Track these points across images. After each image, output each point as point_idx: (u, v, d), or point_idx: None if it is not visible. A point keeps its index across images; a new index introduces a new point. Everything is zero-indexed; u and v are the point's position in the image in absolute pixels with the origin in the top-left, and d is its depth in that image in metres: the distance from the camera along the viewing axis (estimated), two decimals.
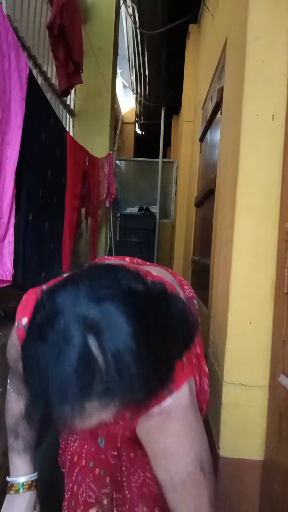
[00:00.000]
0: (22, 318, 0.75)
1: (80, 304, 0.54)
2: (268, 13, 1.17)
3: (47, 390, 0.51)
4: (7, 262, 1.34)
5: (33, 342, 0.54)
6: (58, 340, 0.51)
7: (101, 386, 0.51)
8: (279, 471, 1.09)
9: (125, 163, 6.19)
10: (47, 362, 0.51)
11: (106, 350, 0.51)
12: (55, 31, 2.07)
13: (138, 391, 0.53)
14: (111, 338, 0.51)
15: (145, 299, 0.58)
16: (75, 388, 0.50)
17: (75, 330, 0.52)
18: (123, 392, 0.52)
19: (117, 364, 0.51)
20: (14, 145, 1.37)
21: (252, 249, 1.20)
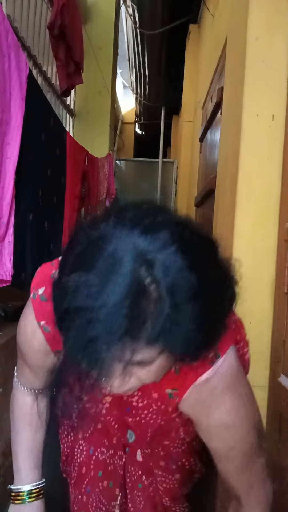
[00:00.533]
0: (38, 288, 0.68)
1: (131, 232, 0.47)
2: (268, 13, 1.17)
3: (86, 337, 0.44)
4: (6, 262, 1.34)
5: (70, 276, 0.46)
6: (106, 268, 0.44)
7: (153, 325, 0.44)
8: (279, 471, 1.09)
9: (125, 163, 6.19)
10: (89, 298, 0.44)
11: (160, 282, 0.44)
12: (56, 31, 2.07)
13: (194, 338, 0.46)
14: (167, 271, 0.45)
15: (197, 232, 0.53)
16: (124, 323, 0.43)
17: (126, 259, 0.44)
18: (177, 334, 0.45)
19: (173, 298, 0.44)
20: (14, 145, 1.37)
21: (252, 249, 1.20)
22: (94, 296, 0.44)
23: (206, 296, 0.47)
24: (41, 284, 0.68)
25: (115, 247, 0.46)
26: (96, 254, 0.46)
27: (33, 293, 0.68)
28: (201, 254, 0.50)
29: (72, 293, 0.45)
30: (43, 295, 0.67)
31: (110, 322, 0.43)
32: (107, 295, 0.43)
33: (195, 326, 0.46)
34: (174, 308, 0.44)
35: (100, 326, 0.43)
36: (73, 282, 0.45)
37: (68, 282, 0.46)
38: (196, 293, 0.46)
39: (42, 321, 0.67)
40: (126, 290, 0.43)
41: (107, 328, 0.43)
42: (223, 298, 0.52)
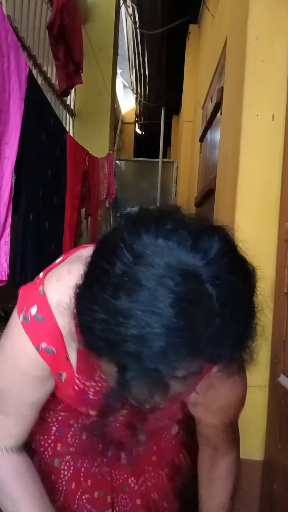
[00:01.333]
0: (29, 308, 0.60)
1: (182, 247, 0.44)
2: (268, 13, 1.17)
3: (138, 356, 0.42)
4: (2, 262, 1.34)
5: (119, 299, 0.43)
6: (159, 288, 0.42)
7: (210, 340, 0.43)
8: (279, 471, 1.09)
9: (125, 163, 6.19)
10: (146, 322, 0.42)
11: (216, 299, 0.43)
12: (55, 31, 2.07)
13: (239, 349, 0.47)
14: (221, 286, 0.43)
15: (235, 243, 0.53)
16: (183, 344, 0.42)
17: (178, 277, 0.42)
18: (227, 347, 0.45)
19: (229, 312, 0.43)
20: (13, 145, 1.37)
21: (252, 249, 1.20)
22: (150, 320, 0.41)
23: (252, 307, 0.48)
24: (30, 303, 0.60)
25: (165, 265, 0.43)
26: (146, 272, 0.43)
27: (24, 316, 0.60)
28: (243, 262, 0.51)
29: (126, 319, 0.42)
30: (38, 315, 0.59)
31: (170, 345, 0.42)
32: (164, 318, 0.41)
33: (243, 338, 0.46)
34: (228, 322, 0.44)
35: (159, 351, 0.42)
36: (126, 306, 0.42)
37: (119, 306, 0.43)
38: (246, 305, 0.46)
39: (43, 342, 0.60)
40: (183, 311, 0.42)
41: (167, 352, 0.42)
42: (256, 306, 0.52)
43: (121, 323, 0.42)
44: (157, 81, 5.19)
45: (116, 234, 0.48)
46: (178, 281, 0.42)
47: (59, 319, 0.58)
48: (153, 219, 0.48)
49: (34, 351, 0.60)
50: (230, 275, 0.45)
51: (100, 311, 0.44)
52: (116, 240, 0.47)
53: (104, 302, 0.44)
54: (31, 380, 0.63)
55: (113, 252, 0.46)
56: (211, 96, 2.45)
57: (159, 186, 5.76)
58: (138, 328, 0.42)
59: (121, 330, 0.42)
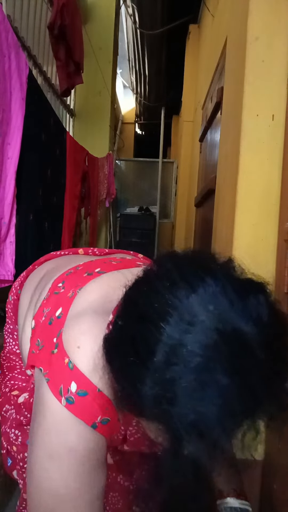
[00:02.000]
0: (68, 387, 0.52)
1: (222, 303, 0.42)
2: (268, 13, 1.17)
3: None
4: (8, 262, 1.34)
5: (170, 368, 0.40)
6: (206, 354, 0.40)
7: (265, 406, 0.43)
8: (279, 471, 1.09)
9: (125, 163, 6.19)
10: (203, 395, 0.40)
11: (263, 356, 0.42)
12: (56, 31, 2.07)
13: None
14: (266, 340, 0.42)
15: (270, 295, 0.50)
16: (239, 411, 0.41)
17: (222, 338, 0.40)
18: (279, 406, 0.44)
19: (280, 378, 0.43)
20: (15, 145, 1.37)
21: (252, 249, 1.20)
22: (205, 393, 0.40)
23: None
24: (66, 382, 0.52)
25: (209, 324, 0.41)
26: (199, 341, 0.40)
27: (66, 398, 0.51)
28: (282, 317, 0.47)
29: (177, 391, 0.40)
30: (80, 391, 0.51)
31: (228, 416, 0.41)
32: (220, 389, 0.40)
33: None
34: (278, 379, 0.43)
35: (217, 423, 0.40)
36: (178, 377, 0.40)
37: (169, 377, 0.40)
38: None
39: (98, 417, 0.52)
40: (237, 378, 0.40)
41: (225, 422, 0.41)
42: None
43: (174, 396, 0.40)
44: (157, 81, 5.19)
45: (155, 292, 0.45)
46: (232, 349, 0.41)
47: (101, 386, 0.52)
48: (197, 276, 0.45)
49: (91, 431, 0.52)
50: (280, 339, 0.44)
51: (149, 384, 0.42)
52: (158, 302, 0.44)
53: (154, 375, 0.42)
54: (96, 463, 0.54)
55: (158, 316, 0.43)
56: (211, 96, 2.45)
57: (159, 186, 5.76)
58: (194, 401, 0.40)
59: (175, 401, 0.40)
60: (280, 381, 0.44)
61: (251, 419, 0.44)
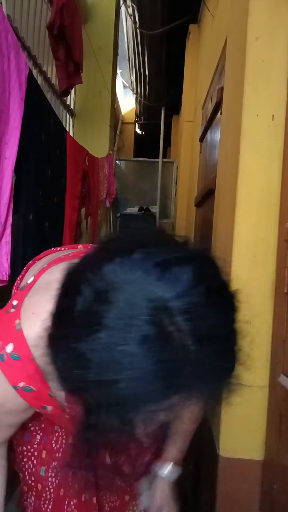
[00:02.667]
0: (4, 346, 0.55)
1: (148, 278, 0.40)
2: (268, 13, 1.17)
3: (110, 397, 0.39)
4: (3, 262, 1.34)
5: (81, 341, 0.39)
6: (123, 326, 0.38)
7: (184, 377, 0.40)
8: (279, 471, 1.09)
9: (125, 163, 6.19)
10: (111, 365, 0.38)
11: (189, 333, 0.39)
12: (55, 31, 2.07)
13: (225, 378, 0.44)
14: (194, 318, 0.40)
15: (218, 267, 0.48)
16: (154, 383, 0.39)
17: (145, 312, 0.39)
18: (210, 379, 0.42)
19: (204, 348, 0.40)
20: (13, 145, 1.37)
21: (252, 249, 1.20)
22: (116, 362, 0.38)
23: (235, 334, 0.46)
24: (6, 340, 0.56)
25: (130, 299, 0.39)
26: (109, 310, 0.39)
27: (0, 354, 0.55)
28: (223, 290, 0.46)
29: (89, 362, 0.39)
30: (13, 353, 0.55)
31: (140, 387, 0.39)
32: (131, 358, 0.38)
33: (226, 367, 0.44)
34: (204, 355, 0.41)
35: (129, 392, 0.39)
36: (88, 349, 0.39)
37: (80, 349, 0.39)
38: (225, 335, 0.43)
39: (21, 382, 0.56)
40: (152, 349, 0.38)
41: (137, 393, 0.39)
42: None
43: (86, 368, 0.39)
44: (157, 81, 5.19)
45: (81, 266, 0.45)
46: (145, 318, 0.38)
47: (38, 357, 0.53)
48: (119, 248, 0.44)
49: (10, 390, 0.57)
50: (204, 308, 0.41)
51: (65, 354, 0.41)
52: (79, 274, 0.44)
53: (67, 345, 0.41)
54: (8, 411, 0.61)
55: (74, 288, 0.42)
56: (211, 96, 2.44)
57: (159, 186, 5.76)
58: (103, 372, 0.38)
59: (86, 375, 0.39)
60: (206, 354, 0.41)
61: (171, 392, 0.41)
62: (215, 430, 1.29)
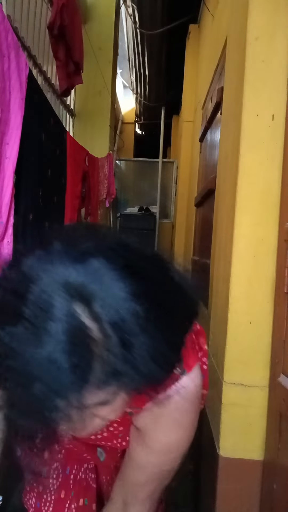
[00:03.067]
0: None
1: (57, 265, 0.41)
2: (268, 13, 1.17)
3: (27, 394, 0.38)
4: None
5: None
6: (36, 315, 0.38)
7: (102, 368, 0.39)
8: (279, 471, 1.09)
9: (125, 163, 6.19)
10: (24, 352, 0.38)
11: (102, 319, 0.39)
12: (56, 31, 2.07)
13: (149, 370, 0.41)
14: (107, 303, 0.39)
15: (140, 254, 0.48)
16: (68, 374, 0.38)
17: (58, 299, 0.38)
18: (130, 371, 0.40)
19: (120, 334, 0.39)
20: (13, 145, 1.37)
21: (252, 249, 1.20)
22: (28, 353, 0.37)
23: (157, 323, 0.42)
24: None
25: (43, 286, 0.39)
26: (21, 298, 0.39)
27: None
28: (145, 277, 0.44)
29: (2, 353, 0.38)
30: None
31: (53, 378, 0.37)
32: (43, 348, 0.37)
33: (148, 358, 0.41)
34: (122, 344, 0.39)
35: (42, 383, 0.37)
36: (5, 341, 0.38)
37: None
38: (145, 323, 0.40)
39: None
40: (64, 337, 0.37)
41: (51, 385, 0.37)
42: (179, 318, 0.47)
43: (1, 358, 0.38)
44: (157, 81, 5.19)
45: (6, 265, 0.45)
46: (59, 307, 0.38)
47: None
48: (39, 243, 0.46)
49: None
50: (121, 294, 0.40)
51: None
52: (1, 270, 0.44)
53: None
54: None
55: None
56: (211, 96, 2.44)
57: (159, 186, 5.76)
58: (15, 362, 0.37)
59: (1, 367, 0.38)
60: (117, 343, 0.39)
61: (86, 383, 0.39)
62: (215, 430, 1.29)
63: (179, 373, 0.58)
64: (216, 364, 1.36)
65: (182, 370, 0.59)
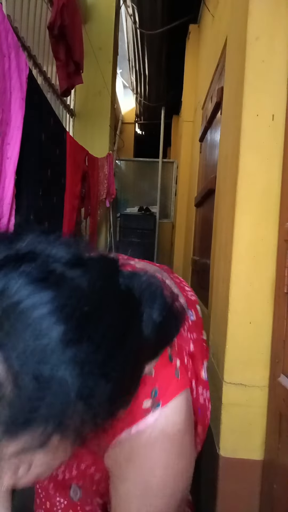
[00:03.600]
0: None
1: None
2: (268, 13, 1.17)
3: None
4: None
5: None
6: None
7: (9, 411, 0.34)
8: (279, 471, 1.09)
9: (125, 163, 6.19)
10: None
11: (9, 355, 0.34)
12: (56, 31, 2.07)
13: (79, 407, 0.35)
14: (15, 332, 0.34)
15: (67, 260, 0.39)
16: None
17: None
18: (50, 411, 0.35)
19: (34, 372, 0.34)
20: (14, 145, 1.37)
21: (252, 249, 1.20)
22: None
23: (84, 339, 0.36)
24: None
25: None
26: None
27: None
28: (62, 283, 0.37)
29: None
30: None
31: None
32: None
33: (77, 388, 0.35)
34: (38, 380, 0.34)
35: None
36: None
37: None
38: (65, 345, 0.35)
39: None
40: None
41: None
42: (117, 324, 0.40)
43: None
44: (157, 81, 5.19)
45: None
46: None
47: None
48: None
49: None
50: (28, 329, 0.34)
51: None
52: None
53: None
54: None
55: None
56: (211, 96, 2.44)
57: (159, 186, 5.76)
58: None
59: None
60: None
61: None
62: (215, 430, 1.29)
63: (149, 406, 0.50)
64: (216, 364, 1.36)
65: (156, 403, 0.50)
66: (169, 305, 0.48)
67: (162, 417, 0.50)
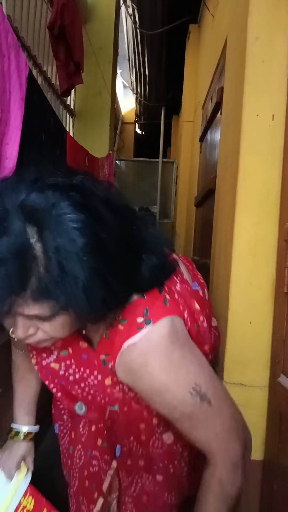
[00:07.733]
0: None
1: (21, 191, 0.51)
2: (268, 13, 1.17)
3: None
4: None
5: None
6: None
7: (37, 283, 0.48)
8: (279, 471, 1.09)
9: (125, 163, 6.19)
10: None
11: (47, 242, 0.48)
12: (56, 31, 2.07)
13: (86, 295, 0.49)
14: (54, 231, 0.48)
15: (98, 196, 0.55)
16: (6, 279, 0.47)
17: (12, 217, 0.48)
18: (66, 292, 0.49)
19: (59, 259, 0.48)
20: (13, 146, 1.37)
21: (252, 249, 1.20)
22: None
23: (97, 255, 0.50)
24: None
25: (4, 204, 0.49)
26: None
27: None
28: (94, 213, 0.52)
29: None
30: None
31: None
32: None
33: (84, 284, 0.49)
34: (61, 267, 0.47)
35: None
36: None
37: None
38: (84, 253, 0.48)
39: None
40: (10, 248, 0.46)
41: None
42: (123, 254, 0.55)
43: None
44: (157, 81, 5.19)
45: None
46: (12, 223, 0.48)
47: None
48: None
49: None
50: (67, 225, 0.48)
51: None
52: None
53: None
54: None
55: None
56: (211, 96, 2.44)
57: (159, 186, 5.76)
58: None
59: None
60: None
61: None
62: None
63: (144, 322, 0.64)
64: (216, 364, 1.37)
65: (147, 320, 0.64)
66: (165, 256, 0.66)
67: (154, 330, 0.64)
